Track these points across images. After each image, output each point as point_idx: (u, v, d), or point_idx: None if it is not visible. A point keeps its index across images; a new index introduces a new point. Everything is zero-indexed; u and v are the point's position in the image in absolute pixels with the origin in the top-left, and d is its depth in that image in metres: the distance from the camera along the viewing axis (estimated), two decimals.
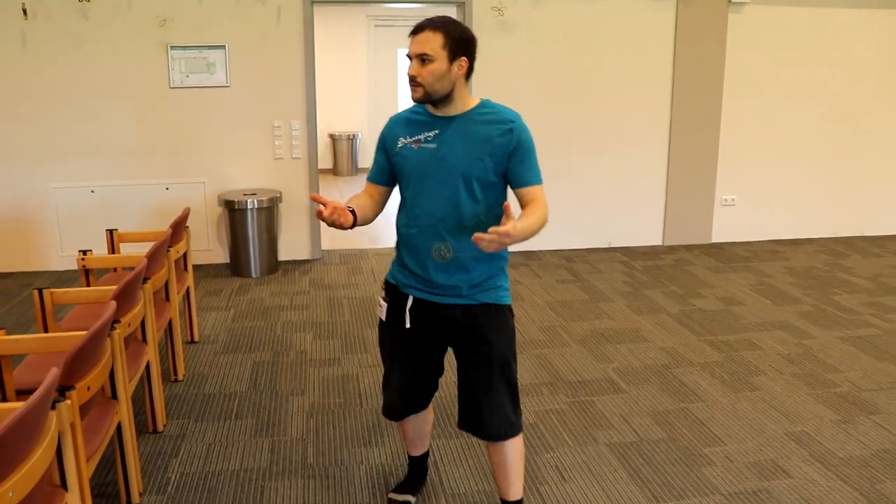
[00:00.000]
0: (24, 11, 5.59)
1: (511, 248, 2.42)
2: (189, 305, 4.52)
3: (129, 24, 5.80)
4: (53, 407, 2.02)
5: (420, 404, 2.71)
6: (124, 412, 2.78)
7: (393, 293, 2.60)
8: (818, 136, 7.29)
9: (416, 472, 3.02)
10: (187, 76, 5.94)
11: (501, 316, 2.52)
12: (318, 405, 3.81)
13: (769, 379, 4.18)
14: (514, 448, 2.57)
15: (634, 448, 3.42)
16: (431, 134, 2.42)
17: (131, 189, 6.05)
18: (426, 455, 3.02)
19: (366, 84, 11.13)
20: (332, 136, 11.08)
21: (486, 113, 2.41)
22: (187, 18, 5.84)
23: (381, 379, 4.11)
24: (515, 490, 2.64)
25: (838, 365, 4.39)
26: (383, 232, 7.56)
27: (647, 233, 7.12)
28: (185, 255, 4.35)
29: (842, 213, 7.53)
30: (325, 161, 10.87)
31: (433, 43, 2.32)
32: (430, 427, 2.90)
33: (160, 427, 3.48)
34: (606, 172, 6.86)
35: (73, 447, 2.12)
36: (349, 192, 9.72)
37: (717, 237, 7.29)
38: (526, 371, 4.23)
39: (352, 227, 2.37)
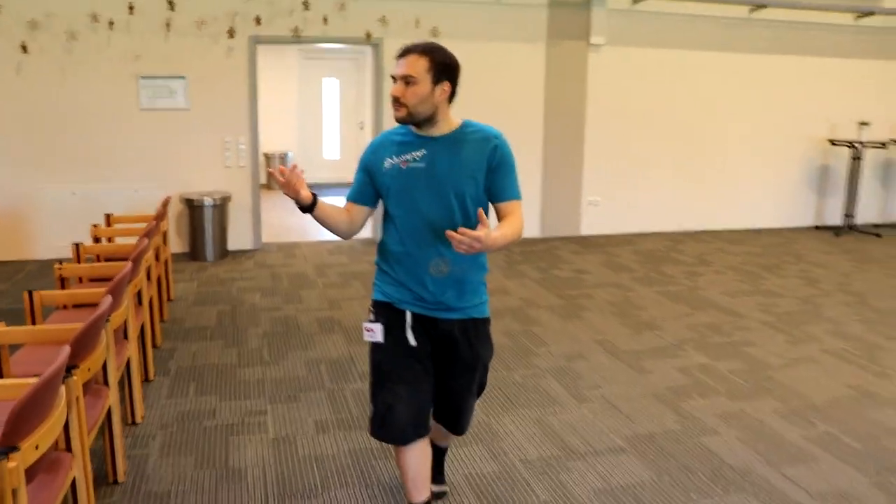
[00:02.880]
0: (24, 48, 6.99)
1: None
2: (167, 272, 5.97)
3: (108, 59, 7.23)
4: None
5: (426, 424, 2.63)
6: (80, 467, 2.60)
7: (387, 311, 2.59)
8: (665, 150, 9.15)
9: None
10: (154, 100, 7.40)
11: (486, 329, 2.70)
12: (268, 332, 5.33)
13: (593, 314, 5.88)
14: None
15: None
16: (419, 154, 2.48)
17: (106, 192, 7.43)
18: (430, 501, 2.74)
19: (295, 109, 12.66)
20: (266, 155, 12.55)
21: (472, 132, 2.51)
22: (155, 54, 7.31)
23: (313, 321, 5.67)
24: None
25: (646, 306, 6.12)
26: (312, 227, 9.09)
27: (528, 228, 8.82)
28: (165, 233, 5.81)
29: (685, 212, 9.39)
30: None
31: (418, 66, 2.40)
32: (430, 465, 2.70)
33: (120, 476, 3.27)
34: None
35: None
36: (281, 203, 11.19)
37: (584, 231, 9.05)
38: None
39: (310, 210, 2.47)
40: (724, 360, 4.88)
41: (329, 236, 8.71)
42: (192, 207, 7.39)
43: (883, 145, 9.49)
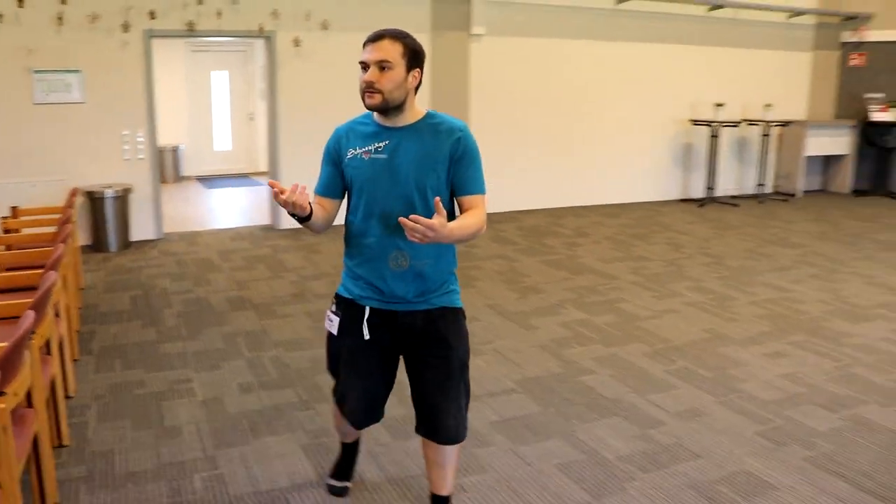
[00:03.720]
0: None
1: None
2: (76, 261, 6.15)
3: None
4: None
5: (379, 413, 2.76)
6: (41, 421, 2.90)
7: (347, 306, 2.60)
8: (546, 132, 9.83)
9: (349, 456, 3.12)
10: (48, 95, 7.47)
11: (458, 319, 2.60)
12: (182, 312, 5.64)
13: (483, 283, 6.45)
14: (456, 447, 2.68)
15: None
16: (382, 144, 2.45)
17: (2, 186, 7.47)
18: (358, 440, 3.11)
19: (185, 102, 12.72)
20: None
21: (436, 123, 2.48)
22: (48, 49, 7.38)
23: (223, 301, 6.00)
24: (450, 486, 2.77)
25: (530, 274, 6.75)
26: (211, 216, 9.32)
27: None
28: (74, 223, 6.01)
29: (565, 190, 10.13)
30: None
31: (393, 51, 2.36)
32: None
33: (65, 440, 3.53)
34: None
35: (6, 448, 2.28)
36: (177, 195, 11.30)
37: None
38: (322, 283, 6.26)
39: (307, 220, 2.42)
40: (599, 315, 5.54)
41: (227, 224, 8.97)
42: (94, 199, 7.52)
43: (736, 124, 10.51)
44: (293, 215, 2.38)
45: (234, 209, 10.12)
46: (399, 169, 2.44)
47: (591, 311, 5.63)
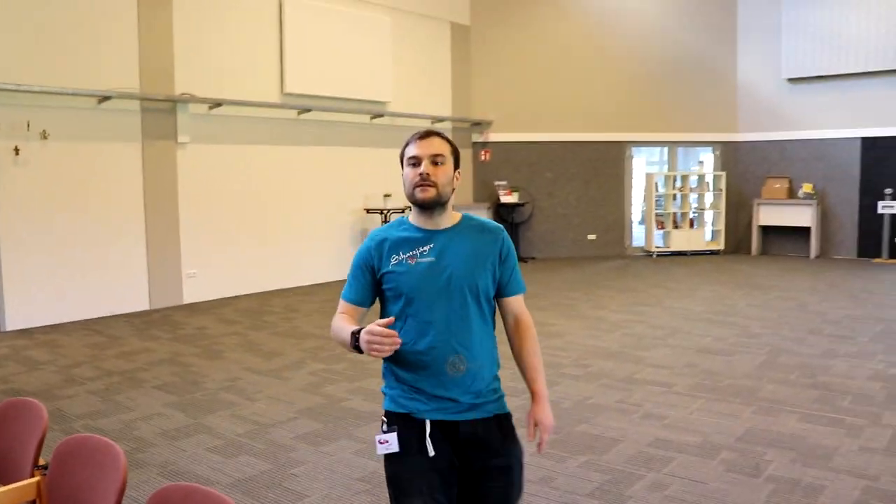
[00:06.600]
0: None
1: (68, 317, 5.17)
2: None
3: None
4: None
5: None
6: None
7: (402, 421, 2.46)
8: (247, 226, 11.20)
9: None
10: None
11: (511, 424, 2.56)
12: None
13: (231, 353, 7.63)
14: None
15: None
16: (427, 248, 2.44)
17: None
18: None
19: None
20: None
21: (477, 224, 2.53)
22: None
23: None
24: None
25: (265, 343, 8.05)
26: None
27: (137, 302, 10.10)
28: None
29: (269, 275, 11.53)
30: None
31: (444, 148, 2.43)
32: None
33: None
34: (106, 261, 9.70)
35: None
36: None
37: (187, 299, 10.61)
38: (144, 397, 7.00)
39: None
40: (336, 364, 7.09)
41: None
42: None
43: (402, 210, 12.81)
44: (356, 346, 2.35)
45: None
46: (448, 271, 2.44)
47: (327, 362, 7.16)
